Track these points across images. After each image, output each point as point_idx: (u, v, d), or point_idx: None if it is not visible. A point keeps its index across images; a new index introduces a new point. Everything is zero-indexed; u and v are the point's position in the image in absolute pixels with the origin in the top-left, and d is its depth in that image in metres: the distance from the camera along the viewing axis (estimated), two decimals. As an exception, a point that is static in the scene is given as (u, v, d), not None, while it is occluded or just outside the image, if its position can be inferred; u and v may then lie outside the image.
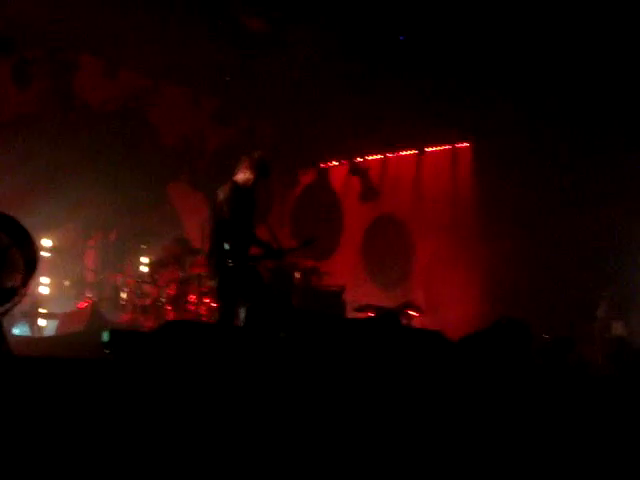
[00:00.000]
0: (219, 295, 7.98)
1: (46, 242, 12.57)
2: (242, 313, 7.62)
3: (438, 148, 16.64)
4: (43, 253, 11.99)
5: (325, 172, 18.14)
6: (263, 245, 8.05)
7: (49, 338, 10.95)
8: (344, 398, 4.97)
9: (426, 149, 16.57)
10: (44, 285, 12.43)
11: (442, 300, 14.92)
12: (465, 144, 16.28)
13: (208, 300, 11.73)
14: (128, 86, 14.34)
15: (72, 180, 12.60)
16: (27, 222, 5.95)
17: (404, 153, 17.05)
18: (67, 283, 12.70)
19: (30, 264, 5.74)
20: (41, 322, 11.79)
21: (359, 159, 17.32)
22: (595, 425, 6.15)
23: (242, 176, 7.91)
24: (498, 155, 14.90)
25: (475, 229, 15.07)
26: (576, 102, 12.93)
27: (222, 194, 7.82)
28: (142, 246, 13.46)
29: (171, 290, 11.76)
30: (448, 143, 16.45)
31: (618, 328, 12.60)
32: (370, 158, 17.39)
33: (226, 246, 7.57)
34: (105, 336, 4.84)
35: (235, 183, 7.89)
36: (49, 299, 12.43)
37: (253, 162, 7.94)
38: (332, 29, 12.78)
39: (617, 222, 12.91)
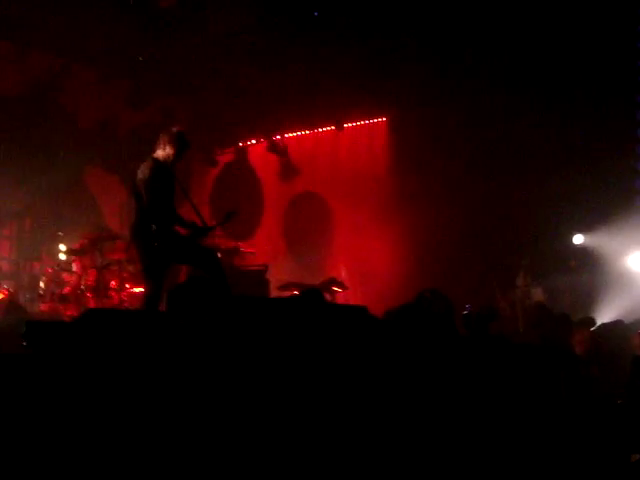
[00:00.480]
0: (146, 277, 7.86)
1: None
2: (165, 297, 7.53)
3: (356, 124, 16.67)
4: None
5: (244, 151, 18.00)
6: (187, 224, 7.93)
7: (-34, 331, 10.63)
8: (271, 379, 4.94)
9: (344, 125, 16.57)
10: (-43, 277, 12.09)
11: (365, 275, 15.02)
12: (382, 118, 16.36)
13: (129, 286, 11.55)
14: (38, 68, 13.92)
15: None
16: None
17: (322, 130, 17.03)
18: (-19, 274, 12.35)
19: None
20: (-45, 315, 11.43)
21: (277, 137, 17.22)
22: (518, 390, 6.27)
23: (162, 152, 7.76)
24: (415, 128, 15.01)
25: (395, 203, 15.16)
26: (491, 68, 13.05)
27: (142, 173, 7.66)
28: (59, 233, 13.14)
29: (91, 277, 11.52)
30: (365, 118, 16.50)
31: (538, 295, 12.88)
32: (288, 135, 17.32)
33: (152, 227, 7.44)
34: (24, 328, 4.70)
35: (155, 160, 7.74)
36: (-37, 291, 12.07)
37: (172, 137, 7.80)
38: (245, 4, 12.65)
39: (530, 192, 13.14)
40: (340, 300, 13.05)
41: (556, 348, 8.03)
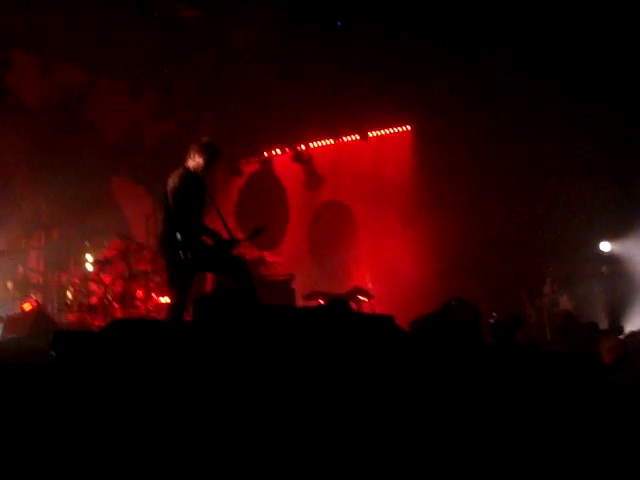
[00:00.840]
0: (171, 287, 7.89)
1: (-15, 245, 12.32)
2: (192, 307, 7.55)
3: (380, 133, 16.67)
4: (-17, 256, 11.75)
5: (269, 161, 18.05)
6: (214, 235, 7.95)
7: (-6, 343, 10.72)
8: (299, 389, 4.94)
9: (368, 134, 16.57)
10: (-14, 289, 12.18)
11: (391, 284, 14.98)
12: (406, 127, 16.35)
13: (155, 296, 11.61)
14: (63, 82, 14.04)
15: (11, 179, 12.35)
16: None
17: (346, 139, 17.05)
18: (10, 285, 12.40)
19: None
20: (-15, 327, 11.53)
21: (302, 146, 17.26)
22: (547, 399, 6.22)
23: (192, 162, 7.81)
24: (440, 137, 14.98)
25: (420, 212, 15.14)
26: (517, 76, 13.04)
27: (172, 182, 7.70)
28: (86, 243, 13.22)
29: (118, 287, 11.59)
30: (389, 127, 16.50)
31: (564, 303, 12.81)
32: (313, 145, 17.36)
33: (178, 236, 7.47)
34: (51, 339, 4.73)
35: (186, 170, 7.79)
36: (-8, 303, 12.17)
37: (202, 147, 7.85)
38: (269, 16, 12.71)
39: (558, 198, 13.08)
40: (366, 309, 13.02)
41: (584, 356, 7.96)
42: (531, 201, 13.48)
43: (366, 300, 13.13)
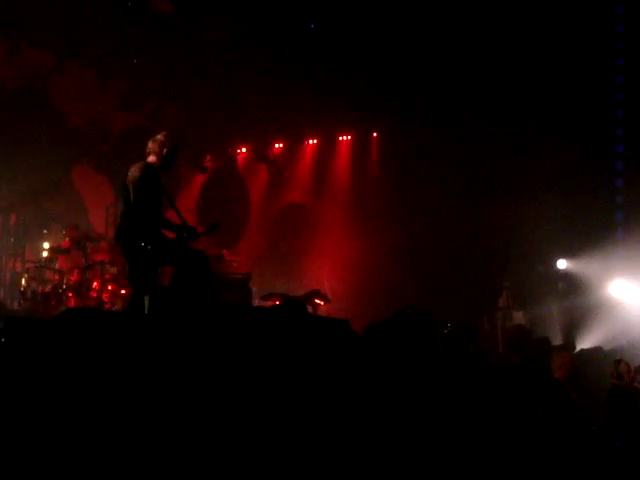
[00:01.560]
0: (130, 279, 7.82)
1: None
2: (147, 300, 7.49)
3: (346, 137, 16.72)
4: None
5: (233, 159, 18.00)
6: (173, 228, 7.90)
7: (-57, 325, 10.55)
8: (249, 387, 4.93)
9: (336, 138, 16.61)
10: (-62, 270, 12.01)
11: (349, 289, 15.01)
12: (372, 133, 16.42)
13: (111, 287, 11.50)
14: (31, 64, 13.88)
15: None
16: None
17: (312, 141, 17.06)
18: (-37, 268, 12.27)
19: None
20: None
21: (267, 146, 17.23)
22: (495, 410, 6.27)
23: (152, 157, 7.76)
24: (404, 145, 15.07)
25: (382, 219, 15.20)
26: (482, 96, 13.17)
27: (132, 174, 7.64)
28: (43, 231, 13.09)
29: (73, 277, 11.46)
30: (356, 131, 16.55)
31: (518, 317, 12.93)
32: (278, 145, 17.35)
33: (138, 228, 7.41)
34: (2, 324, 4.67)
35: (146, 164, 7.74)
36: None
37: (161, 142, 7.81)
38: (241, 14, 12.69)
39: (514, 216, 13.20)
40: (322, 313, 13.02)
41: (535, 370, 8.04)
42: (490, 215, 13.60)
43: (322, 304, 13.13)
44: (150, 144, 7.81)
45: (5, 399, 3.88)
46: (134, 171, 7.59)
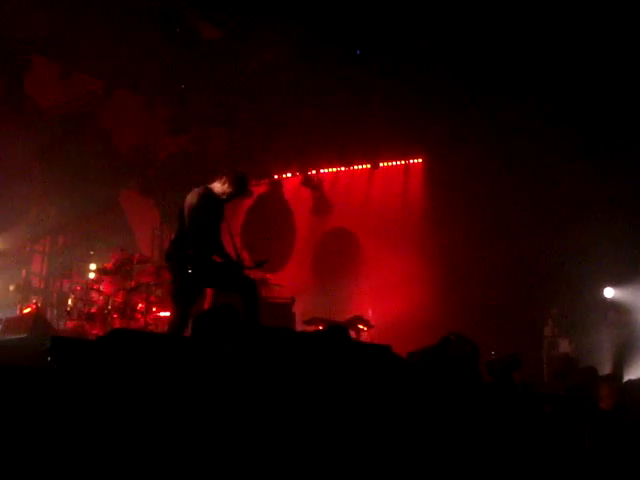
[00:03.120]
0: (175, 301, 7.89)
1: (-9, 245, 12.37)
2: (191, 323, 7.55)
3: (391, 163, 16.71)
4: (-12, 256, 11.78)
5: (278, 183, 18.08)
6: (225, 256, 7.97)
7: (-9, 342, 10.72)
8: (292, 413, 4.92)
9: (380, 164, 16.62)
10: (-12, 289, 12.22)
11: (392, 315, 14.94)
12: (418, 160, 16.40)
13: (156, 309, 11.60)
14: (81, 90, 14.17)
15: (20, 182, 12.39)
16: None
17: (357, 167, 17.09)
18: (12, 288, 12.43)
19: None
20: (-17, 326, 11.53)
21: (312, 171, 17.30)
22: (540, 440, 6.18)
23: (219, 186, 7.86)
24: (450, 172, 15.02)
25: (427, 244, 15.14)
26: (530, 124, 13.08)
27: (192, 198, 7.75)
28: (90, 252, 13.25)
29: (119, 298, 11.58)
30: (401, 158, 16.54)
31: (564, 346, 12.76)
32: (323, 171, 17.40)
33: (189, 251, 7.50)
34: (49, 343, 4.73)
35: (209, 190, 7.84)
36: (-7, 303, 12.20)
37: (236, 178, 7.92)
38: (287, 40, 12.80)
39: (563, 242, 13.07)
40: (365, 338, 12.99)
41: (581, 400, 7.92)
42: (538, 242, 13.46)
43: (365, 329, 13.10)
44: (223, 174, 7.92)
45: (52, 418, 3.92)
46: (193, 195, 7.72)
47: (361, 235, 16.81)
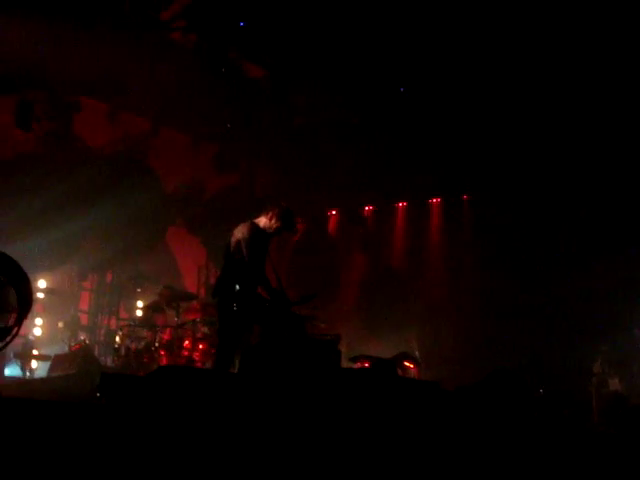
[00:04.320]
0: (221, 337, 7.89)
1: (41, 283, 12.52)
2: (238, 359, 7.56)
3: (436, 200, 16.70)
4: (37, 294, 11.91)
5: (324, 220, 18.13)
6: (272, 292, 7.93)
7: (40, 380, 10.83)
8: (339, 450, 4.89)
9: (425, 200, 16.62)
10: (38, 326, 12.36)
11: (439, 352, 14.82)
12: (463, 196, 16.36)
13: (202, 346, 11.63)
14: (128, 129, 14.41)
15: (69, 221, 12.58)
16: (22, 262, 5.90)
17: (403, 203, 17.10)
18: (61, 325, 12.58)
19: (24, 304, 5.67)
20: (33, 363, 11.67)
21: (358, 208, 17.35)
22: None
23: (265, 221, 7.89)
24: (495, 208, 14.95)
25: (472, 282, 15.05)
26: (577, 155, 13.03)
27: (240, 233, 7.77)
28: (137, 289, 13.38)
29: (165, 335, 11.65)
30: (446, 195, 16.52)
31: (614, 384, 12.52)
32: (369, 208, 17.43)
33: (236, 287, 7.51)
34: (98, 379, 4.78)
35: (255, 225, 7.86)
36: (42, 340, 12.34)
37: (282, 212, 7.93)
38: (332, 80, 12.93)
39: (613, 279, 12.91)
40: (412, 376, 12.87)
41: (632, 440, 7.76)
42: (585, 277, 13.30)
43: (412, 366, 12.98)
44: (269, 208, 7.93)
45: (101, 451, 3.94)
46: (242, 230, 7.75)
47: (406, 271, 16.75)
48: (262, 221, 7.90)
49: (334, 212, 18.02)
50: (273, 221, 7.86)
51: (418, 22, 11.36)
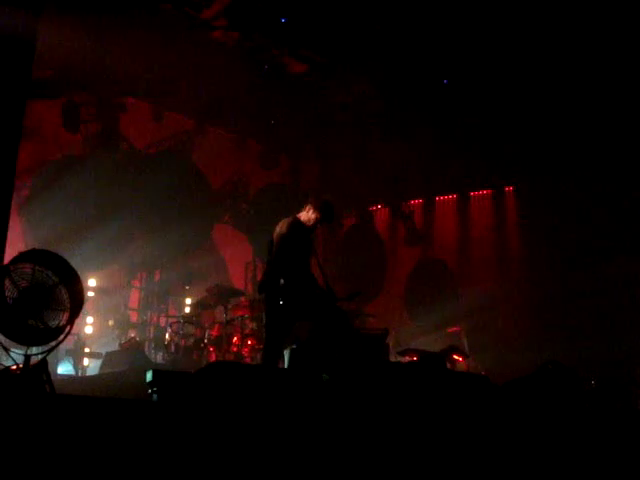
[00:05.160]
0: (268, 332, 7.89)
1: (91, 282, 12.68)
2: (286, 354, 7.56)
3: (481, 192, 16.58)
4: (88, 293, 12.06)
5: (369, 215, 18.12)
6: (317, 287, 7.89)
7: (92, 377, 10.99)
8: (388, 443, 4.89)
9: (470, 193, 16.51)
10: (89, 324, 12.52)
11: (488, 344, 14.71)
12: (508, 188, 16.22)
13: (251, 342, 11.69)
14: (174, 128, 14.54)
15: (118, 221, 12.71)
16: (73, 261, 5.99)
17: (448, 197, 17.01)
18: (111, 323, 12.74)
19: (76, 303, 5.77)
20: (85, 361, 11.85)
21: (403, 202, 17.30)
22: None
23: (305, 214, 7.87)
24: (543, 198, 14.81)
25: (520, 273, 14.94)
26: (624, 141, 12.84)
27: (281, 229, 7.77)
28: (186, 287, 13.50)
29: (214, 331, 11.75)
30: (491, 187, 16.40)
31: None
32: (414, 202, 17.38)
33: (280, 282, 7.50)
34: (149, 376, 4.83)
35: (297, 219, 7.84)
36: (93, 338, 12.49)
37: (320, 204, 7.90)
38: (375, 74, 12.90)
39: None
40: (461, 369, 12.80)
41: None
42: (633, 266, 13.12)
43: (461, 359, 12.91)
44: (308, 201, 7.92)
45: (154, 446, 3.99)
46: (282, 225, 7.73)
47: (453, 264, 16.66)
48: (303, 215, 7.87)
49: (379, 207, 17.98)
50: (311, 213, 7.81)
51: (459, 14, 11.27)
